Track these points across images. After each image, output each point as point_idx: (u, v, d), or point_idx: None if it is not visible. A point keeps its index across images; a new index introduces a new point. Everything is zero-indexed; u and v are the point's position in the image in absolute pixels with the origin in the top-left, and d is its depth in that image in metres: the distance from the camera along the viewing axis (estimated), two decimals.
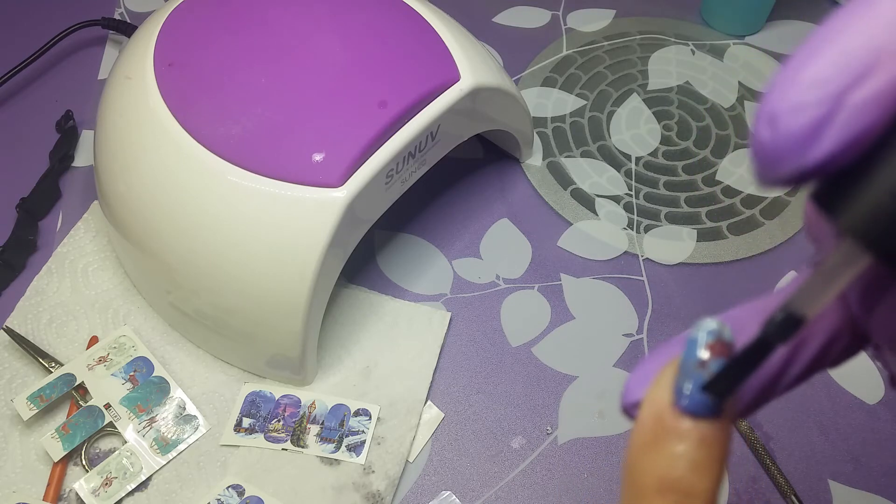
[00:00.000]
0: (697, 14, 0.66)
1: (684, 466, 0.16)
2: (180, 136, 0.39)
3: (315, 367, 0.44)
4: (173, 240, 0.40)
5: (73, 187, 0.53)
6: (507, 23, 0.65)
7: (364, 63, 0.41)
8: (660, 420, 0.16)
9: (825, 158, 0.13)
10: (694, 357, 0.16)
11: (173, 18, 0.43)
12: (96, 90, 0.59)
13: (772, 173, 0.14)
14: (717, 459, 0.16)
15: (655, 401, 0.16)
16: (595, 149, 0.56)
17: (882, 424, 0.44)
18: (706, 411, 0.16)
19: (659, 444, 0.16)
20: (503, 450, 0.43)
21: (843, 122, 0.13)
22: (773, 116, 0.13)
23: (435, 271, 0.49)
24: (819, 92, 0.13)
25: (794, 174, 0.13)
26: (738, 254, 0.51)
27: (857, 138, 0.13)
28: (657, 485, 0.16)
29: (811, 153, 0.13)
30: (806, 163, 0.13)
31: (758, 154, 0.14)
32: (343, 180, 0.37)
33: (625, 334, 0.47)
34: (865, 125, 0.13)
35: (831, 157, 0.13)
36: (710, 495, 0.16)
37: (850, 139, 0.13)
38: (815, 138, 0.13)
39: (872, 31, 0.12)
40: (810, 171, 0.13)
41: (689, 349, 0.16)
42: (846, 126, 0.13)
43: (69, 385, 0.42)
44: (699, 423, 0.16)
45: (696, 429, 0.16)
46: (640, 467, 0.16)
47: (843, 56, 0.13)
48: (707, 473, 0.16)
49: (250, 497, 0.40)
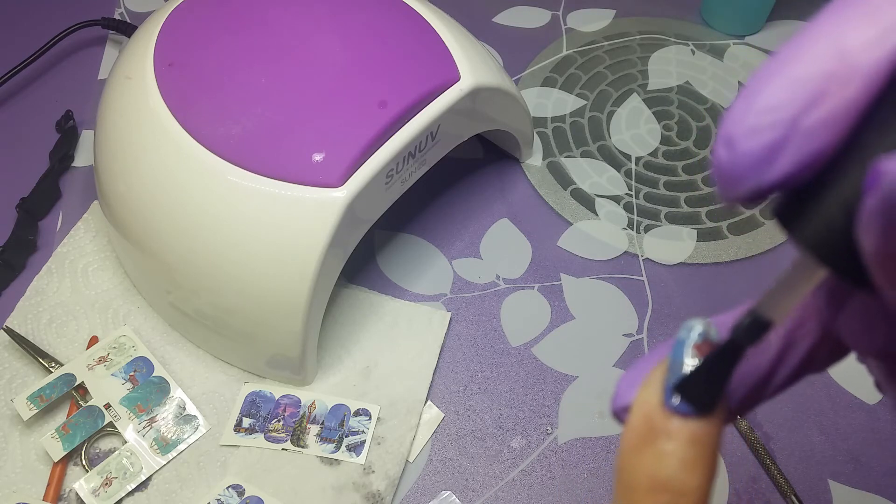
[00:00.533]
0: (697, 14, 0.66)
1: (674, 465, 0.16)
2: (180, 136, 0.39)
3: (315, 367, 0.44)
4: (173, 240, 0.40)
5: (73, 187, 0.53)
6: (507, 23, 0.65)
7: (364, 63, 0.41)
8: (649, 420, 0.16)
9: (780, 179, 0.14)
10: (681, 357, 0.16)
11: (173, 18, 0.43)
12: (96, 90, 0.59)
13: (731, 192, 0.14)
14: (707, 457, 0.16)
15: (645, 401, 0.17)
16: (595, 149, 0.56)
17: (882, 424, 0.44)
18: (695, 410, 0.16)
19: (649, 444, 0.16)
20: (503, 450, 0.43)
21: (796, 144, 0.13)
22: (730, 139, 0.14)
23: (435, 271, 0.49)
24: (773, 117, 0.13)
25: (751, 193, 0.14)
26: (738, 254, 0.51)
27: (810, 160, 0.13)
28: (648, 484, 0.16)
29: (767, 174, 0.14)
30: (762, 183, 0.14)
31: (717, 174, 0.14)
32: (343, 180, 0.37)
33: (625, 334, 0.47)
34: (817, 147, 0.13)
35: (786, 178, 0.14)
36: (702, 493, 0.16)
37: (804, 161, 0.13)
38: (770, 160, 0.13)
39: (823, 58, 0.13)
40: (766, 190, 0.14)
41: (676, 350, 0.16)
42: (799, 148, 0.13)
43: (69, 385, 0.42)
44: (688, 421, 0.16)
45: (685, 428, 0.16)
46: (631, 467, 0.16)
47: (796, 82, 0.13)
48: (697, 471, 0.16)
49: (250, 497, 0.40)
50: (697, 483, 0.16)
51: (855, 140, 0.13)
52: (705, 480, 0.16)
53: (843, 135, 0.13)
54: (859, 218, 0.13)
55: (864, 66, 0.13)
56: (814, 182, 0.14)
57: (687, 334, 0.16)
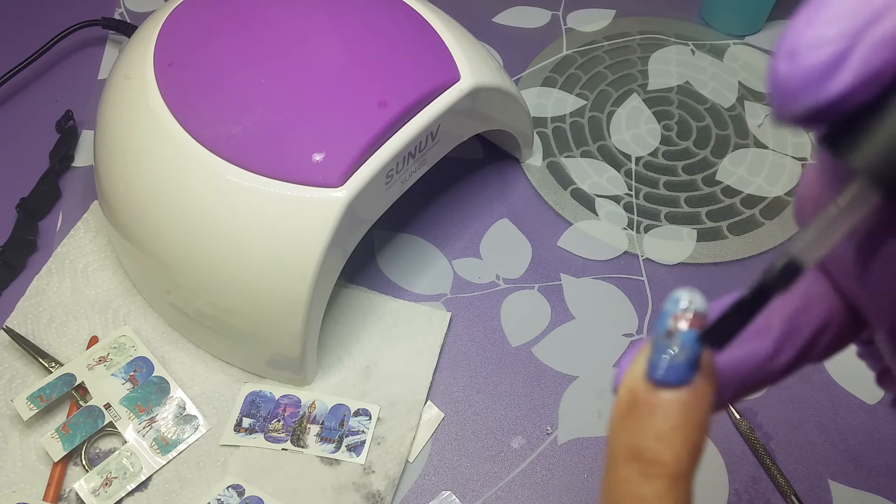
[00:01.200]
0: (697, 14, 0.66)
1: (651, 436, 0.16)
2: (180, 136, 0.39)
3: (315, 367, 0.44)
4: (173, 240, 0.40)
5: (73, 187, 0.53)
6: (507, 23, 0.65)
7: (364, 63, 0.41)
8: (632, 393, 0.16)
9: (843, 92, 0.13)
10: (664, 326, 0.16)
11: (173, 18, 0.43)
12: (96, 90, 0.59)
13: (789, 108, 0.14)
14: (686, 431, 0.16)
15: (631, 375, 0.17)
16: (595, 149, 0.56)
17: (882, 424, 0.44)
18: (674, 380, 0.16)
19: (631, 416, 0.16)
20: (503, 450, 0.43)
21: (861, 57, 0.13)
22: (792, 50, 0.13)
23: (435, 271, 0.49)
24: (839, 27, 0.13)
25: (811, 109, 0.13)
26: (738, 254, 0.51)
27: (875, 74, 0.13)
28: (625, 453, 0.16)
29: (829, 87, 0.13)
30: (824, 97, 0.13)
31: (775, 88, 0.14)
32: (343, 180, 0.37)
33: (625, 334, 0.47)
34: (883, 61, 0.13)
35: (849, 92, 0.13)
36: (678, 467, 0.16)
37: (868, 75, 0.13)
38: (833, 73, 0.13)
39: None
40: (828, 105, 0.13)
41: (660, 321, 0.16)
42: (864, 62, 0.13)
43: (69, 385, 0.42)
44: (668, 392, 0.16)
45: (664, 400, 0.16)
46: (614, 437, 0.17)
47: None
48: (674, 444, 0.16)
49: (250, 497, 0.40)
50: (672, 456, 0.16)
51: None
52: (683, 454, 0.16)
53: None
54: None
55: None
56: (872, 104, 0.13)
57: (674, 306, 0.16)
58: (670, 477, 0.16)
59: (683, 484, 0.16)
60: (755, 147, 0.57)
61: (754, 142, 0.57)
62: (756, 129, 0.58)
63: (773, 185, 0.54)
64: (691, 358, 0.16)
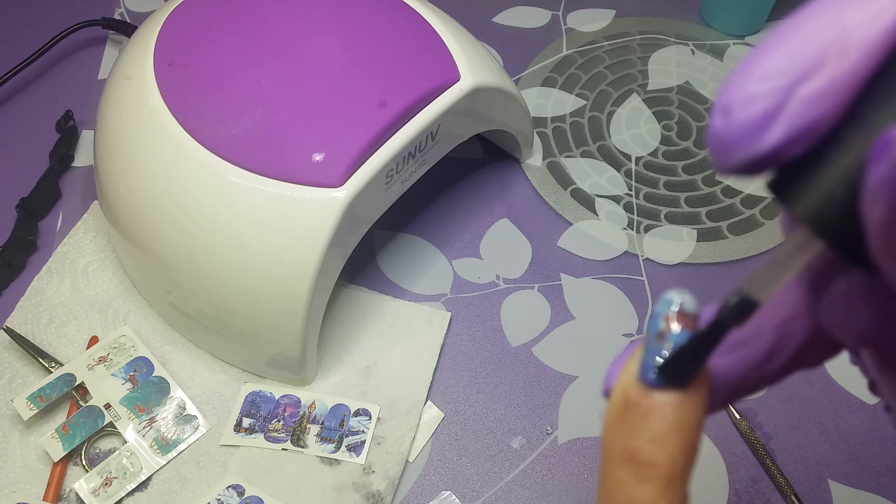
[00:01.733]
0: (697, 14, 0.66)
1: (644, 438, 0.16)
2: (180, 136, 0.39)
3: (315, 367, 0.44)
4: (173, 240, 0.40)
5: (73, 187, 0.53)
6: (507, 23, 0.65)
7: (364, 63, 0.41)
8: (626, 395, 0.17)
9: (775, 147, 0.14)
10: (655, 328, 0.16)
11: (173, 18, 0.43)
12: (96, 90, 0.59)
13: (725, 161, 0.14)
14: (681, 434, 0.16)
15: (624, 377, 0.17)
16: (595, 149, 0.56)
17: (882, 424, 0.44)
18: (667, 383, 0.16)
19: (624, 417, 0.16)
20: (503, 450, 0.43)
21: (791, 113, 0.13)
22: (727, 106, 0.14)
23: (435, 271, 0.49)
24: (770, 84, 0.13)
25: (746, 162, 0.14)
26: (738, 254, 0.51)
27: (806, 129, 0.13)
28: (620, 455, 0.16)
29: (762, 142, 0.14)
30: (757, 151, 0.14)
31: (712, 142, 0.14)
32: (343, 180, 0.37)
33: (625, 334, 0.47)
34: (813, 117, 0.13)
35: (781, 146, 0.14)
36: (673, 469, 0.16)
37: (799, 130, 0.13)
38: (765, 128, 0.13)
39: (822, 31, 0.13)
40: (761, 158, 0.14)
41: (651, 322, 0.17)
42: (795, 117, 0.13)
43: (69, 385, 0.42)
44: (661, 395, 0.16)
45: (657, 402, 0.16)
46: (609, 439, 0.17)
47: (793, 53, 0.13)
48: (668, 446, 0.16)
49: (250, 497, 0.40)
50: (667, 458, 0.16)
51: (855, 113, 0.13)
52: (677, 457, 0.16)
53: (842, 107, 0.13)
54: (865, 189, 0.13)
55: (862, 39, 0.13)
56: (812, 156, 0.14)
57: (665, 307, 0.16)
58: (665, 479, 0.16)
59: (678, 486, 0.16)
60: None
61: None
62: None
63: None
64: None
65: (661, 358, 0.16)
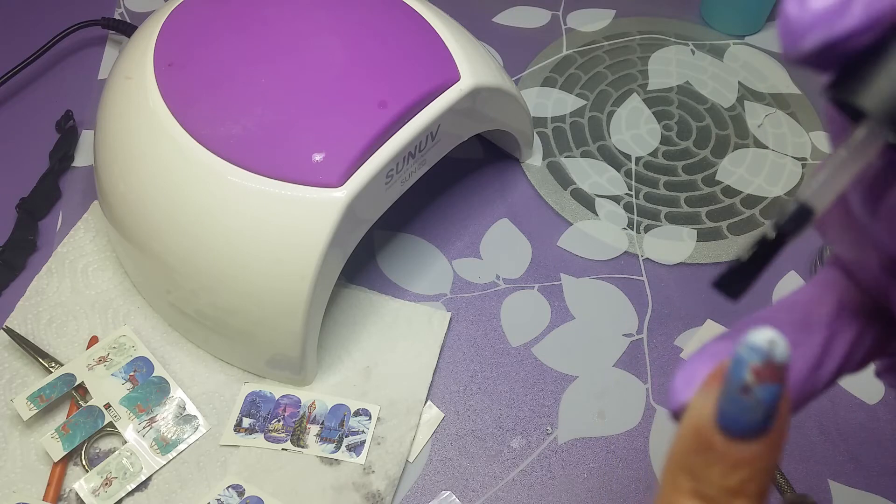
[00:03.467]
0: (697, 14, 0.66)
1: (715, 487, 0.15)
2: (180, 136, 0.39)
3: (315, 367, 0.44)
4: (173, 240, 0.40)
5: (73, 187, 0.53)
6: (507, 23, 0.65)
7: (364, 63, 0.41)
8: (699, 434, 0.16)
9: (850, 31, 0.14)
10: (740, 378, 0.15)
11: (173, 18, 0.43)
12: (96, 90, 0.59)
13: (798, 46, 0.14)
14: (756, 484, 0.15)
15: (698, 413, 0.16)
16: (595, 149, 0.56)
17: (882, 424, 0.44)
18: (748, 434, 0.15)
19: (696, 456, 0.16)
20: (503, 450, 0.43)
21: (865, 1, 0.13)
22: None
23: (435, 271, 0.49)
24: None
25: (819, 46, 0.14)
26: (738, 254, 0.51)
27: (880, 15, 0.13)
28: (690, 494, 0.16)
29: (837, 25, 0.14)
30: (832, 34, 0.14)
31: (784, 29, 0.14)
32: (343, 180, 0.37)
33: (625, 334, 0.47)
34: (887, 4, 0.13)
35: (856, 31, 0.14)
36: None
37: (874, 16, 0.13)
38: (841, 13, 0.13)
39: None
40: (835, 42, 0.14)
41: (734, 367, 0.15)
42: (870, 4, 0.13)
43: (69, 385, 0.42)
44: (742, 445, 0.15)
45: (736, 452, 0.15)
46: (676, 473, 0.16)
47: None
48: (739, 497, 0.15)
49: (250, 497, 0.40)
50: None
51: None
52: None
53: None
54: None
55: None
56: (877, 48, 0.14)
57: (746, 352, 0.15)
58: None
59: None
60: (755, 147, 0.57)
61: (754, 142, 0.57)
62: (756, 129, 0.58)
63: (773, 185, 0.54)
64: (770, 413, 0.15)
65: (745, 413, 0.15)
